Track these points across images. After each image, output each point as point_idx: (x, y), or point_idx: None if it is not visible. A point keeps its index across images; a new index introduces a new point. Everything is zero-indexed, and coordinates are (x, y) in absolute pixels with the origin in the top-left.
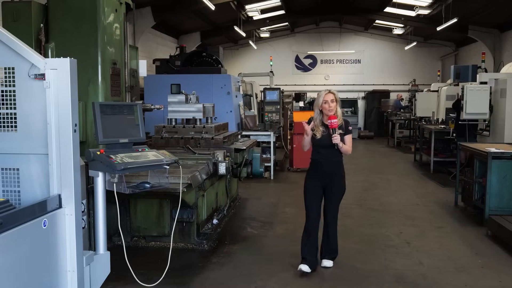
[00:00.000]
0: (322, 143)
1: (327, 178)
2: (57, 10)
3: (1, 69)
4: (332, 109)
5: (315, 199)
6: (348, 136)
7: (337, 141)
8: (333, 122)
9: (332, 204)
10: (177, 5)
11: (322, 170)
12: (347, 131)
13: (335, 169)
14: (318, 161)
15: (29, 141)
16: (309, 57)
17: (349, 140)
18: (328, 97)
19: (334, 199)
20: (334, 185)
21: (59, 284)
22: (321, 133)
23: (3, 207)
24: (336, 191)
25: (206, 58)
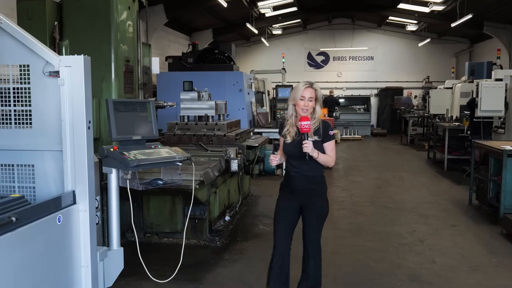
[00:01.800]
0: (294, 151)
1: (302, 197)
2: (71, 7)
3: (16, 66)
4: (307, 108)
5: (285, 224)
6: (329, 143)
7: (307, 149)
8: (304, 125)
9: (311, 232)
10: (190, 2)
11: (294, 186)
12: (327, 137)
13: (311, 185)
14: (290, 174)
15: (44, 137)
16: (321, 54)
17: (330, 148)
18: (306, 93)
19: (312, 225)
20: (311, 207)
21: (73, 279)
22: (292, 137)
23: (19, 203)
24: (313, 215)
25: (218, 55)
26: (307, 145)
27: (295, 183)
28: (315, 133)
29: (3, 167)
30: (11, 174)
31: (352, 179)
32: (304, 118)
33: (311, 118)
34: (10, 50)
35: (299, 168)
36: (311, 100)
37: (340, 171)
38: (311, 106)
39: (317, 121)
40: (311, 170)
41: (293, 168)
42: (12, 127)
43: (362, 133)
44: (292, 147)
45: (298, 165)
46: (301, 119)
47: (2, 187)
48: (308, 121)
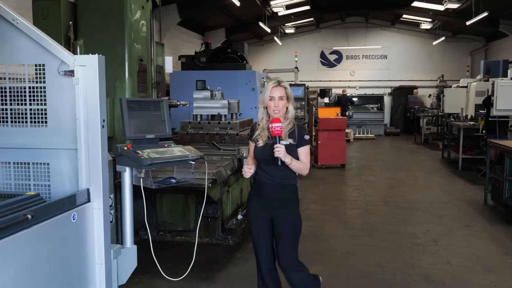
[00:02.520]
0: (265, 155)
1: (272, 206)
2: (86, 7)
3: (32, 66)
4: (278, 109)
5: (262, 232)
6: (304, 148)
7: (279, 154)
8: (275, 127)
9: (284, 248)
10: (202, 1)
11: (264, 194)
12: (302, 141)
13: (283, 194)
14: (261, 181)
15: (59, 136)
16: (334, 53)
17: (304, 154)
18: (275, 92)
19: (285, 240)
20: (282, 219)
21: (87, 277)
22: (264, 141)
23: (34, 201)
24: (286, 229)
25: (231, 54)
26: (279, 149)
27: (267, 191)
28: (289, 136)
29: (19, 165)
30: (27, 172)
31: (365, 179)
32: (276, 119)
33: (284, 118)
34: (26, 49)
35: (272, 174)
36: (282, 99)
37: (353, 170)
38: (283, 106)
39: (291, 122)
40: (285, 177)
41: (264, 174)
42: (28, 125)
43: (375, 132)
44: (263, 151)
45: (270, 171)
46: (272, 120)
47: (18, 185)
48: (279, 123)
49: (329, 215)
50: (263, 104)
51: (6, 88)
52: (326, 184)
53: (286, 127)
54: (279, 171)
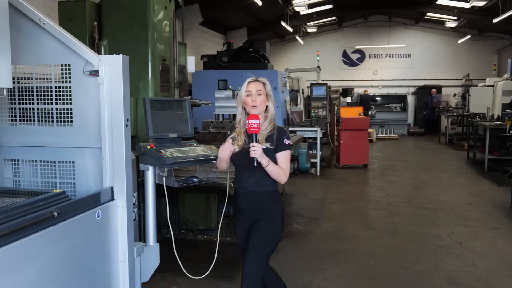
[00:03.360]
0: (240, 160)
1: (250, 216)
2: (110, 8)
3: (58, 66)
4: (256, 104)
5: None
6: (283, 153)
7: (255, 154)
8: (252, 124)
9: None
10: (225, 1)
11: (241, 206)
12: (281, 145)
13: (261, 203)
14: (238, 192)
15: (84, 135)
16: (357, 52)
17: (284, 160)
18: (252, 87)
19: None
20: (257, 231)
21: (111, 274)
22: (241, 146)
23: (60, 198)
24: (258, 238)
25: (253, 53)
26: (255, 148)
27: (242, 202)
28: (267, 139)
29: (45, 164)
30: (53, 170)
31: (388, 179)
32: (253, 116)
33: (265, 117)
34: (53, 50)
35: (247, 182)
36: (260, 94)
37: (376, 170)
38: (261, 102)
39: (271, 124)
40: (259, 184)
41: (241, 181)
42: (54, 125)
43: (398, 132)
44: (239, 156)
45: (246, 176)
46: (249, 117)
47: (44, 182)
48: (257, 119)
49: (351, 215)
50: (241, 103)
51: (33, 88)
52: (348, 184)
53: (265, 129)
54: (253, 177)
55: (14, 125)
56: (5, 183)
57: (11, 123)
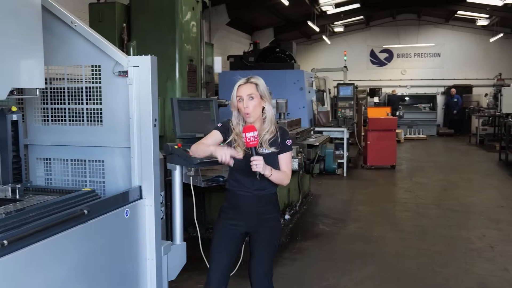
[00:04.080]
0: (242, 165)
1: (251, 221)
2: (138, 10)
3: (88, 67)
4: (249, 111)
5: (224, 252)
6: (285, 155)
7: (258, 168)
8: (250, 137)
9: (259, 263)
10: (251, 1)
11: (241, 208)
12: (283, 147)
13: (264, 206)
14: (236, 194)
15: (113, 134)
16: (384, 51)
17: (286, 162)
18: (243, 91)
19: (261, 255)
20: (262, 235)
21: (139, 271)
22: (243, 152)
23: (90, 197)
24: (264, 244)
25: (279, 53)
26: (257, 162)
27: (244, 204)
28: (272, 144)
29: (76, 162)
30: (83, 169)
31: (416, 180)
32: (249, 127)
33: (263, 121)
34: (83, 51)
35: (249, 185)
36: (252, 98)
37: (404, 171)
38: (254, 107)
39: (272, 125)
40: (264, 187)
41: (239, 184)
42: (85, 124)
43: (427, 132)
44: (241, 161)
45: (247, 182)
46: (245, 129)
47: (75, 181)
48: (254, 131)
49: (378, 216)
50: (233, 107)
51: (64, 88)
52: (376, 185)
53: (268, 132)
54: (258, 182)
55: (46, 124)
56: (37, 181)
57: (43, 122)
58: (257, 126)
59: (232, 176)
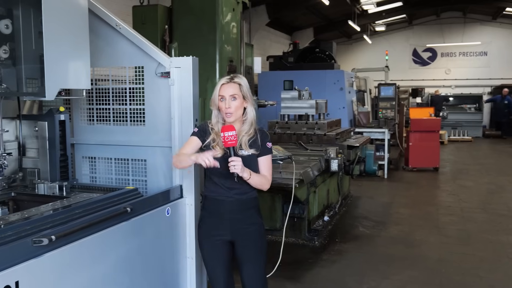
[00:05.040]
0: (221, 168)
1: (234, 228)
2: (180, 11)
3: (132, 68)
4: (231, 111)
5: (219, 262)
6: (265, 158)
7: (236, 169)
8: (229, 137)
9: (251, 275)
10: (291, 1)
11: (223, 214)
12: (263, 149)
13: (245, 211)
14: (215, 199)
15: (155, 134)
16: (428, 50)
17: (266, 166)
18: (225, 90)
19: (252, 265)
20: (248, 241)
21: (179, 269)
22: (222, 151)
23: (133, 195)
24: (253, 251)
25: (319, 54)
26: (235, 163)
27: (225, 208)
28: (251, 146)
29: (119, 161)
30: (126, 167)
31: (460, 183)
32: (227, 127)
33: (243, 122)
34: (127, 53)
35: (229, 190)
36: (235, 98)
37: (447, 174)
38: (236, 107)
39: (252, 127)
40: (245, 191)
41: (218, 189)
42: (128, 124)
43: (472, 134)
44: (219, 163)
45: (227, 186)
46: (224, 128)
47: (118, 179)
48: (233, 130)
49: (420, 220)
50: (215, 106)
51: (109, 89)
52: (417, 187)
53: (246, 134)
54: (236, 185)
55: (92, 124)
56: (83, 179)
57: (89, 122)
58: (237, 127)
59: (210, 180)
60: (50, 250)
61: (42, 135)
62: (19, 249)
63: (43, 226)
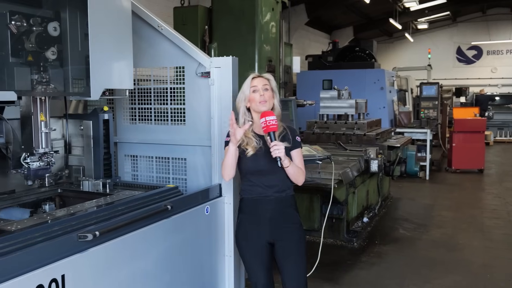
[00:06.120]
0: (260, 165)
1: (273, 228)
2: (220, 12)
3: (173, 68)
4: (265, 99)
5: (259, 263)
6: (297, 151)
7: (279, 153)
8: (270, 121)
9: (293, 275)
10: (331, 0)
11: (262, 214)
12: (294, 143)
13: (284, 210)
14: (254, 200)
15: (195, 133)
16: (473, 48)
17: (299, 158)
18: (258, 82)
19: (293, 266)
20: (288, 241)
21: (217, 267)
22: (254, 147)
23: (173, 193)
24: (294, 252)
25: (359, 52)
26: (278, 147)
27: (265, 208)
28: (282, 139)
29: (160, 160)
30: (167, 166)
31: (507, 186)
32: (268, 112)
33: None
34: (169, 53)
35: (267, 188)
36: (267, 89)
37: (493, 176)
38: (270, 97)
39: (280, 123)
40: (283, 189)
41: (256, 189)
42: (169, 123)
43: None
44: (256, 160)
45: (266, 185)
46: (263, 114)
47: (159, 177)
48: (273, 115)
49: (464, 223)
50: (245, 101)
51: (151, 89)
52: (461, 190)
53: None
54: (274, 181)
55: (134, 123)
56: (125, 176)
57: (131, 121)
58: None
59: (246, 181)
60: (94, 245)
61: (87, 133)
62: (65, 244)
63: (87, 222)
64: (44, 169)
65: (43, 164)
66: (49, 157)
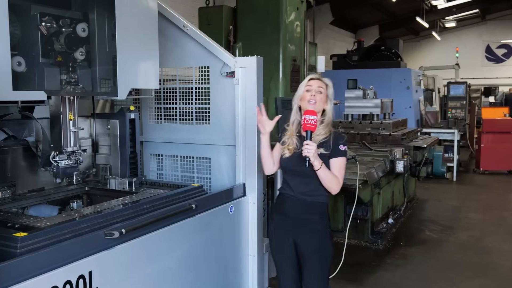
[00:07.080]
0: (291, 165)
1: (296, 227)
2: (245, 12)
3: (198, 68)
4: (314, 100)
5: (287, 260)
6: (338, 160)
7: (308, 152)
8: (308, 119)
9: (311, 281)
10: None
11: (287, 212)
12: (336, 152)
13: (308, 214)
14: (283, 196)
15: (219, 133)
16: (503, 47)
17: (338, 167)
18: (313, 83)
19: (311, 273)
20: (308, 245)
21: (241, 266)
22: (292, 150)
23: (198, 192)
24: (311, 258)
25: (385, 52)
26: (309, 146)
27: (289, 208)
28: (320, 146)
29: (185, 159)
30: (191, 165)
31: None
32: (310, 111)
33: (321, 121)
34: (194, 53)
35: (296, 188)
36: (321, 92)
37: None
38: (320, 99)
39: (327, 129)
40: (311, 193)
41: (287, 187)
42: (194, 123)
43: None
44: (290, 160)
45: (295, 184)
46: (307, 112)
47: (184, 176)
48: (314, 115)
49: (493, 226)
50: (298, 100)
51: (176, 88)
52: (490, 191)
53: (319, 134)
54: (305, 184)
55: (159, 123)
56: (150, 175)
57: (156, 121)
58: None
59: (283, 179)
60: (120, 243)
61: (113, 133)
62: (92, 241)
63: (114, 219)
64: (72, 167)
65: (71, 162)
66: (77, 155)
